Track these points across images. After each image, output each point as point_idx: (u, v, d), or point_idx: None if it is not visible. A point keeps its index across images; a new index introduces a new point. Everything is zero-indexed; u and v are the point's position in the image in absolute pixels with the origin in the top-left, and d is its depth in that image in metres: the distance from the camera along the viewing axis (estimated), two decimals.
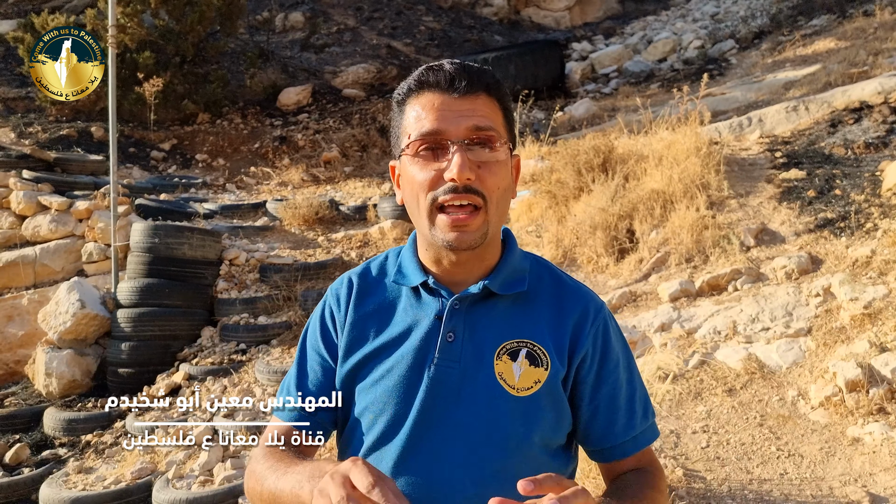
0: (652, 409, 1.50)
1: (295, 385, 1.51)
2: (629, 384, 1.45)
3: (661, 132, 7.23)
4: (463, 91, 1.34)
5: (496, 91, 1.39)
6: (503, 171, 1.36)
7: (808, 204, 5.97)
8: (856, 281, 4.85)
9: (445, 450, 1.32)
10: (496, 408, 1.33)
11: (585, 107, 11.34)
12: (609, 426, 1.42)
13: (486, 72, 1.39)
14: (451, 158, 1.31)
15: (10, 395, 6.73)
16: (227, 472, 4.66)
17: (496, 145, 1.35)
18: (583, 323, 1.41)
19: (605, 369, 1.41)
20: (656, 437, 1.49)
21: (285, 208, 8.74)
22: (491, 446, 1.32)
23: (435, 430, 1.34)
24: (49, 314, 6.77)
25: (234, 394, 5.88)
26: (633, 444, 1.43)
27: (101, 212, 7.93)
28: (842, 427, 3.95)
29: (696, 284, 5.43)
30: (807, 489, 3.55)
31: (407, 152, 1.37)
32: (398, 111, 1.42)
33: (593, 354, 1.41)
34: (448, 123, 1.32)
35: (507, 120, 1.41)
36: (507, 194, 1.40)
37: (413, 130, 1.35)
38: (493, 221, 1.36)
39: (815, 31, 11.30)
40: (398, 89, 1.42)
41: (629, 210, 6.38)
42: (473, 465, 1.31)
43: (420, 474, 1.32)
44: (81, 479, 5.09)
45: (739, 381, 4.44)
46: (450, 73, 1.35)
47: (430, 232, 1.36)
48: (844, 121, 7.17)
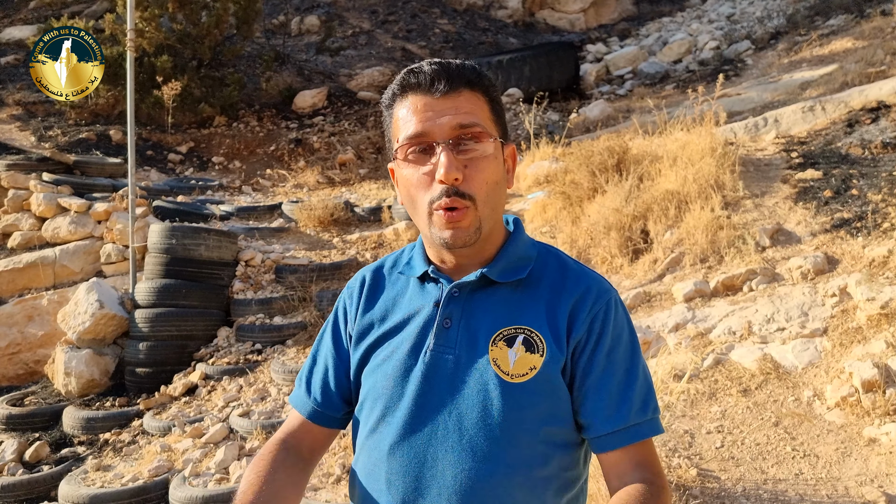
0: (654, 404, 1.41)
1: (306, 376, 1.60)
2: (627, 373, 1.38)
3: (675, 133, 7.21)
4: (443, 91, 1.36)
5: (479, 85, 1.40)
6: (492, 166, 1.38)
7: (825, 204, 5.92)
8: (872, 281, 4.81)
9: (438, 434, 1.35)
10: (488, 393, 1.34)
11: (600, 108, 11.32)
12: (594, 414, 1.36)
13: (467, 67, 1.41)
14: (439, 160, 1.32)
15: (30, 393, 6.80)
16: (242, 469, 4.69)
17: (482, 140, 1.36)
18: (580, 306, 1.39)
19: (597, 354, 1.37)
20: (654, 434, 1.39)
21: (301, 210, 8.78)
22: (483, 432, 1.32)
23: (429, 414, 1.36)
24: (68, 314, 6.83)
25: (249, 393, 5.92)
26: (623, 436, 1.35)
27: (120, 213, 8.00)
28: (858, 427, 3.92)
29: (711, 285, 5.41)
30: (822, 489, 3.53)
31: (398, 156, 1.40)
32: (387, 115, 1.45)
33: (588, 339, 1.37)
34: (432, 124, 1.35)
35: (494, 112, 1.42)
36: (498, 187, 1.41)
37: (401, 134, 1.39)
38: (485, 217, 1.38)
39: (832, 30, 11.22)
40: (385, 95, 1.46)
41: (643, 211, 6.36)
42: (465, 450, 1.32)
43: (414, 457, 1.35)
44: (100, 476, 5.15)
45: (754, 382, 4.41)
46: (429, 74, 1.37)
47: (429, 231, 1.39)
48: (861, 121, 7.11)
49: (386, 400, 1.41)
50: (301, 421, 1.55)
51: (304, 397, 1.57)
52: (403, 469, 1.35)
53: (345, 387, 1.54)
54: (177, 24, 11.90)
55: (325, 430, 1.57)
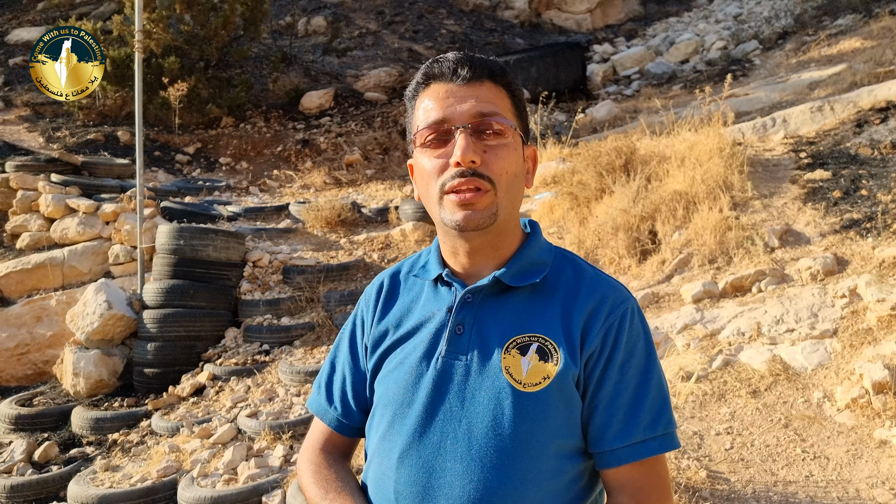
0: (667, 420, 1.34)
1: (326, 383, 1.60)
2: (639, 387, 1.33)
3: (683, 133, 7.20)
4: (466, 78, 1.34)
5: (501, 79, 1.38)
6: (512, 157, 1.35)
7: (834, 205, 5.90)
8: (883, 282, 4.79)
9: (448, 443, 1.31)
10: (500, 403, 1.30)
11: (607, 108, 11.30)
12: (605, 428, 1.31)
13: (490, 60, 1.39)
14: (457, 142, 1.30)
15: (38, 394, 6.81)
16: (250, 470, 4.69)
17: (503, 130, 1.34)
18: (595, 316, 1.34)
19: (610, 367, 1.32)
20: (663, 451, 1.33)
21: (308, 211, 8.79)
22: (493, 442, 1.29)
23: (439, 423, 1.33)
24: (77, 315, 6.85)
25: (257, 394, 5.92)
26: (629, 452, 1.30)
27: (128, 214, 8.03)
28: (868, 429, 3.91)
29: (720, 286, 5.39)
30: (833, 491, 3.51)
31: (416, 143, 1.38)
32: (410, 108, 1.44)
33: (601, 350, 1.32)
34: (452, 111, 1.33)
35: (515, 107, 1.40)
36: (517, 180, 1.37)
37: (421, 122, 1.37)
38: (502, 205, 1.34)
39: (841, 30, 11.17)
40: (409, 86, 1.44)
41: (651, 211, 6.35)
42: (474, 460, 1.28)
43: (422, 466, 1.32)
44: (108, 476, 5.15)
45: (764, 383, 4.40)
46: (453, 62, 1.36)
47: (440, 216, 1.35)
48: (871, 121, 7.08)
49: (396, 406, 1.38)
50: (329, 432, 1.56)
51: (325, 406, 1.57)
52: (411, 479, 1.32)
53: (362, 398, 1.53)
54: (184, 25, 11.93)
55: (349, 438, 1.58)
